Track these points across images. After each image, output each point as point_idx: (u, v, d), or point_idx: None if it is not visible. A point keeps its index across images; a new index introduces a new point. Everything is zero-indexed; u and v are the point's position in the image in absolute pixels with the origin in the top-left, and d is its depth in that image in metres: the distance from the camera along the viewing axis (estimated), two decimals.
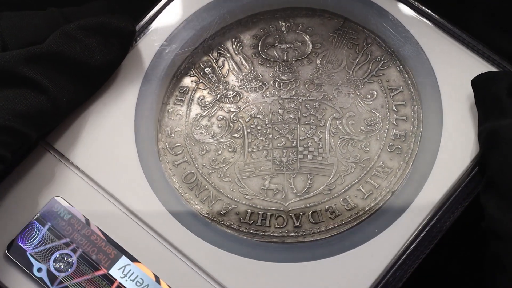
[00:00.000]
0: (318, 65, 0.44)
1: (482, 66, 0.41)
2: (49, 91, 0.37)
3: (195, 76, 0.44)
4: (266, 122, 0.42)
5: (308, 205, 0.40)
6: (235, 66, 0.44)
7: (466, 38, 0.42)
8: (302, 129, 0.42)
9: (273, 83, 0.43)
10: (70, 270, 0.37)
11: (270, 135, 0.42)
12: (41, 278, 0.37)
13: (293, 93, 0.43)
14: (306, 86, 0.43)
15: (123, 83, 0.42)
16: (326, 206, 0.40)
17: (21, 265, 0.37)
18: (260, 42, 0.45)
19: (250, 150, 0.42)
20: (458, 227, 0.38)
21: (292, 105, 0.43)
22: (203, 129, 0.42)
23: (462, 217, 0.38)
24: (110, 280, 0.37)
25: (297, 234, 0.40)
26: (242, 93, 0.43)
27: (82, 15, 0.41)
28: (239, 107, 0.43)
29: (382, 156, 0.41)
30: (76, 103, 0.40)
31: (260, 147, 0.42)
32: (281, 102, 0.43)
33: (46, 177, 0.39)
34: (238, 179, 0.41)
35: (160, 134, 0.42)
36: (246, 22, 0.45)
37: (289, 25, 0.45)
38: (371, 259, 0.37)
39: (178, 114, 0.43)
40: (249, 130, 0.42)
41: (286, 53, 0.44)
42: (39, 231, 0.38)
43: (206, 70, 0.44)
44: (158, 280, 0.37)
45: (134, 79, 0.42)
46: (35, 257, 0.37)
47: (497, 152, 0.37)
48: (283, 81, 0.43)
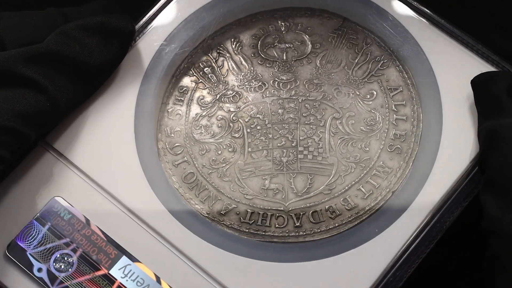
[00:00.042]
0: (318, 65, 0.44)
1: (481, 66, 0.41)
2: (48, 91, 0.37)
3: (195, 76, 0.44)
4: (266, 122, 0.42)
5: (308, 205, 0.40)
6: (235, 66, 0.44)
7: (466, 38, 0.42)
8: (302, 129, 0.42)
9: (272, 83, 0.43)
10: (71, 270, 0.37)
11: (270, 135, 0.42)
12: (41, 278, 0.37)
13: (292, 93, 0.43)
14: (306, 86, 0.43)
15: (123, 83, 0.42)
16: (327, 206, 0.40)
17: (21, 265, 0.37)
18: (259, 42, 0.45)
19: (250, 150, 0.41)
20: (458, 227, 0.38)
21: (292, 105, 0.42)
22: (203, 129, 0.42)
23: (462, 217, 0.38)
24: (111, 280, 0.37)
25: (297, 234, 0.40)
26: (241, 93, 0.43)
27: (81, 15, 0.41)
28: (239, 107, 0.43)
29: (382, 156, 0.41)
30: (75, 103, 0.40)
31: (260, 147, 0.42)
32: (280, 102, 0.43)
33: (45, 177, 0.39)
34: (238, 179, 0.41)
35: (159, 134, 0.42)
36: (246, 22, 0.45)
37: (288, 25, 0.45)
38: (371, 259, 0.37)
39: (177, 114, 0.43)
40: (249, 130, 0.42)
41: (285, 53, 0.44)
42: (39, 231, 0.38)
43: (206, 70, 0.44)
44: (158, 280, 0.37)
45: (134, 79, 0.42)
46: (35, 257, 0.37)
47: (496, 151, 0.37)
48: (283, 81, 0.43)
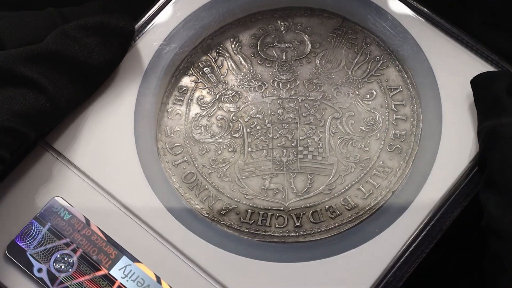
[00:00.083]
0: (317, 64, 0.44)
1: (481, 66, 0.41)
2: (48, 91, 0.37)
3: (194, 75, 0.44)
4: (266, 122, 0.42)
5: (308, 205, 0.40)
6: (234, 66, 0.44)
7: (465, 38, 0.42)
8: (302, 128, 0.42)
9: (272, 83, 0.43)
10: (71, 271, 0.37)
11: (270, 135, 0.42)
12: (41, 279, 0.37)
13: (292, 92, 0.43)
14: (306, 85, 0.43)
15: (122, 83, 0.42)
16: (327, 206, 0.40)
17: (21, 265, 0.37)
18: (259, 42, 0.45)
19: (250, 150, 0.41)
20: (458, 227, 0.38)
21: (291, 104, 0.42)
22: (203, 128, 0.42)
23: (461, 216, 0.38)
24: (111, 280, 0.37)
25: (297, 234, 0.40)
26: (241, 92, 0.43)
27: (81, 15, 0.41)
28: (239, 107, 0.43)
29: (382, 155, 0.41)
30: (75, 103, 0.40)
31: (260, 147, 0.42)
32: (280, 101, 0.43)
33: (45, 177, 0.39)
34: (238, 179, 0.41)
35: (159, 134, 0.42)
36: (245, 22, 0.45)
37: (288, 24, 0.45)
38: (371, 259, 0.37)
39: (177, 114, 0.43)
40: (248, 130, 0.42)
41: (285, 52, 0.44)
42: (39, 231, 0.38)
43: (205, 70, 0.44)
44: (159, 280, 0.37)
45: (133, 79, 0.42)
46: (35, 257, 0.37)
47: (496, 150, 0.37)
48: (282, 80, 0.43)
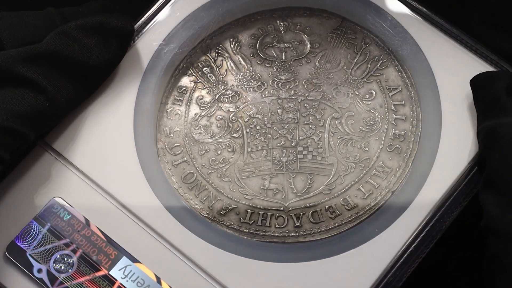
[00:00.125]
0: (317, 64, 0.44)
1: (480, 66, 0.41)
2: (47, 91, 0.37)
3: (194, 75, 0.44)
4: (265, 122, 0.42)
5: (308, 205, 0.40)
6: (234, 66, 0.44)
7: (465, 38, 0.42)
8: (302, 129, 0.42)
9: (271, 83, 0.43)
10: (71, 271, 0.37)
11: (270, 135, 0.42)
12: (41, 279, 0.37)
13: (292, 92, 0.43)
14: (305, 85, 0.43)
15: (122, 83, 0.42)
16: (326, 206, 0.40)
17: (21, 266, 0.37)
18: (258, 42, 0.45)
19: (249, 150, 0.41)
20: (457, 227, 0.39)
21: (291, 105, 0.42)
22: (202, 129, 0.42)
23: (461, 216, 0.38)
24: (111, 280, 0.37)
25: (297, 234, 0.40)
26: (240, 92, 0.43)
27: (81, 15, 0.41)
28: (238, 107, 0.43)
29: (382, 155, 0.41)
30: (74, 103, 0.40)
31: (259, 147, 0.42)
32: (280, 101, 0.43)
33: (45, 177, 0.39)
34: (238, 179, 0.41)
35: (159, 134, 0.42)
36: (244, 22, 0.45)
37: (287, 24, 0.45)
38: (371, 259, 0.37)
39: (176, 114, 0.43)
40: (248, 130, 0.42)
41: (284, 52, 0.44)
42: (39, 232, 0.38)
43: (205, 70, 0.44)
44: (159, 280, 0.37)
45: (133, 79, 0.42)
46: (35, 257, 0.37)
47: (496, 150, 0.37)
48: (282, 80, 0.43)
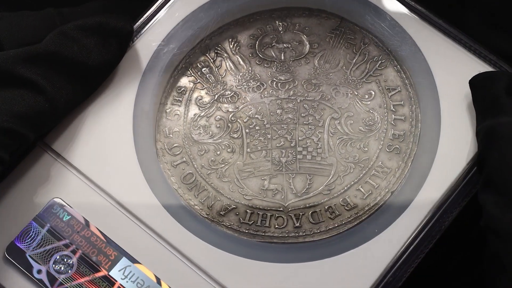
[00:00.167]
0: (316, 65, 0.44)
1: (479, 66, 0.41)
2: (47, 92, 0.37)
3: (193, 76, 0.44)
4: (265, 122, 0.42)
5: (307, 205, 0.40)
6: (233, 66, 0.44)
7: (464, 38, 0.42)
8: (301, 129, 0.42)
9: (271, 83, 0.43)
10: (70, 272, 0.37)
11: (269, 135, 0.42)
12: (41, 280, 0.37)
13: (291, 93, 0.43)
14: (304, 86, 0.43)
15: (121, 83, 0.41)
16: (326, 206, 0.40)
17: (20, 267, 0.37)
18: (257, 42, 0.45)
19: (249, 150, 0.41)
20: (457, 227, 0.39)
21: (290, 105, 0.42)
22: (202, 129, 0.42)
23: (461, 216, 0.38)
24: (111, 281, 0.37)
25: (297, 235, 0.40)
26: (240, 93, 0.43)
27: (80, 15, 0.41)
28: (237, 107, 0.43)
29: (381, 156, 0.41)
30: (74, 104, 0.40)
31: (259, 148, 0.42)
32: (279, 102, 0.43)
33: (44, 178, 0.39)
34: (237, 180, 0.41)
35: (158, 135, 0.42)
36: (243, 22, 0.45)
37: (286, 25, 0.45)
38: (371, 259, 0.37)
39: (176, 115, 0.43)
40: (247, 130, 0.42)
41: (283, 53, 0.44)
42: (38, 233, 0.38)
43: (204, 70, 0.44)
44: (159, 281, 0.37)
45: (132, 79, 0.42)
46: (35, 258, 0.37)
47: (495, 150, 0.37)
48: (281, 81, 0.43)
